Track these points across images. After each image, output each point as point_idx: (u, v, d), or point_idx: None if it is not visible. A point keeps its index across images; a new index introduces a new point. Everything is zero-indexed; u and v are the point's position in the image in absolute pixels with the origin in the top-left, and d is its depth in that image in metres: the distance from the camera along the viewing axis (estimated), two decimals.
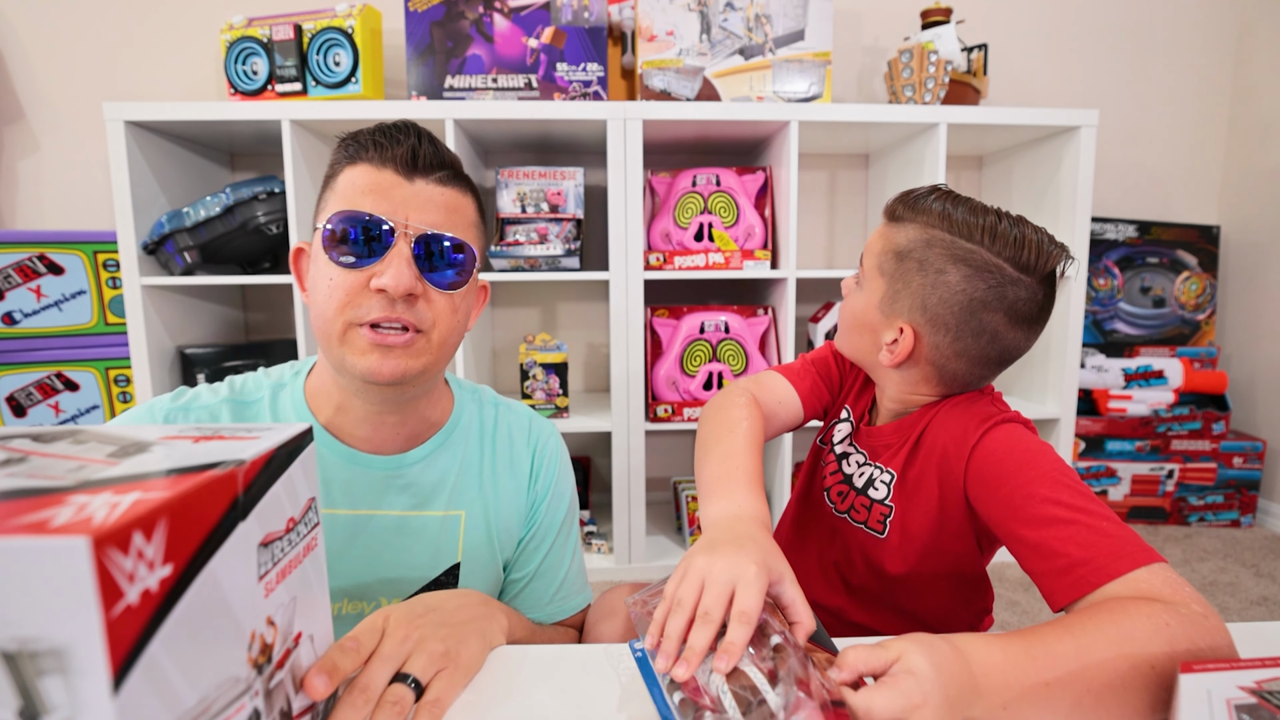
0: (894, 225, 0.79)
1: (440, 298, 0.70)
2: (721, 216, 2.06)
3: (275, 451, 0.37)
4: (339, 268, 0.66)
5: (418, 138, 0.69)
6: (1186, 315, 2.60)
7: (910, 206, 0.78)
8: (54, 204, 2.27)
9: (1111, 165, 2.56)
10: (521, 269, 2.00)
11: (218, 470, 0.31)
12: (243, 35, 1.95)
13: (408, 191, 0.68)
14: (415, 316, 0.68)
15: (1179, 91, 2.59)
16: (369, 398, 0.72)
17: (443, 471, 0.78)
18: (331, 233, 0.66)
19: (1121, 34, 2.53)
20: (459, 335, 0.74)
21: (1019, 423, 0.76)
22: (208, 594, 0.30)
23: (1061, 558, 0.62)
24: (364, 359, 0.67)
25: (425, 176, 0.69)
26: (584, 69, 2.01)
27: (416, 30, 1.98)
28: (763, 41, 2.03)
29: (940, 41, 2.07)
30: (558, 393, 2.06)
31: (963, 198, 0.76)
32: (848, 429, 0.92)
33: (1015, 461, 0.70)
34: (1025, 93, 2.51)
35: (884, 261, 0.78)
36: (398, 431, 0.76)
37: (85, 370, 2.06)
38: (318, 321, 0.69)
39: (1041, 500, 0.66)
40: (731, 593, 0.53)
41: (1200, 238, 2.59)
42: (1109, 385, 2.48)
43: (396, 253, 0.66)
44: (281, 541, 0.38)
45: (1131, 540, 0.61)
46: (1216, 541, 2.36)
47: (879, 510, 0.83)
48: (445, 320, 0.70)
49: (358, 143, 0.69)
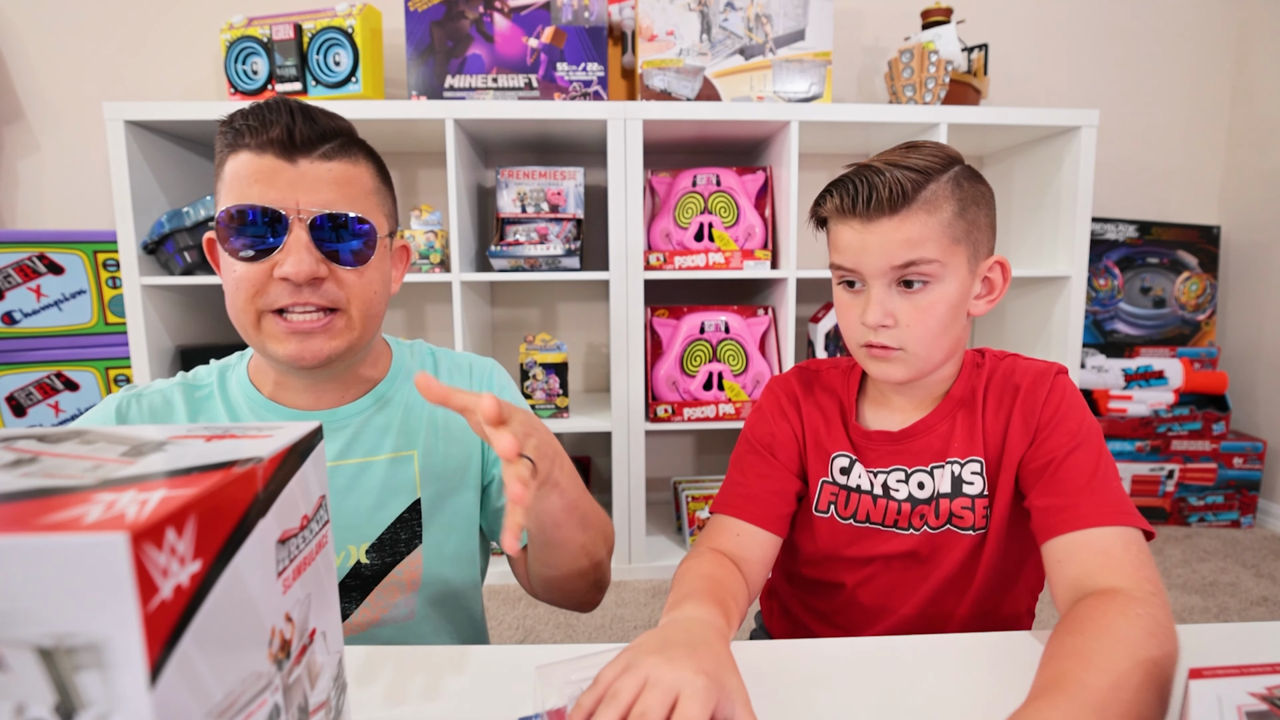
0: (915, 208, 0.71)
1: (348, 274, 0.70)
2: (721, 216, 2.06)
3: (290, 449, 0.37)
4: (240, 262, 0.67)
5: (290, 115, 0.67)
6: (1187, 315, 2.60)
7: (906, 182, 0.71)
8: (54, 204, 2.26)
9: (1112, 165, 2.56)
10: (521, 269, 2.00)
11: (239, 467, 0.31)
12: (243, 35, 1.95)
13: (293, 175, 0.67)
14: (325, 298, 0.68)
15: (1179, 91, 2.59)
16: (302, 376, 0.75)
17: (388, 418, 0.80)
18: (225, 228, 0.66)
19: (1122, 34, 2.54)
20: (380, 303, 0.75)
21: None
22: (233, 590, 0.30)
23: (1055, 499, 0.70)
24: (283, 347, 0.68)
25: (307, 155, 0.68)
26: (584, 69, 2.01)
27: (416, 30, 1.98)
28: (763, 41, 2.03)
29: (941, 41, 2.07)
30: (558, 393, 2.06)
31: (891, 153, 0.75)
32: (847, 460, 0.84)
33: (1079, 409, 0.76)
34: (1025, 93, 2.51)
35: (952, 230, 0.72)
36: (341, 395, 0.79)
37: (85, 370, 2.06)
38: (232, 312, 0.70)
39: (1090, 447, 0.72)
40: (675, 700, 0.47)
41: (1200, 238, 2.59)
42: (1109, 385, 2.48)
43: (294, 239, 0.66)
44: (297, 539, 0.38)
45: (1128, 505, 0.68)
46: (1217, 542, 2.36)
47: (981, 505, 0.78)
48: (359, 294, 0.71)
49: (234, 128, 0.68)
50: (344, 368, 0.76)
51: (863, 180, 0.72)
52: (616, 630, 1.82)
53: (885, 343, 0.74)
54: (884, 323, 0.73)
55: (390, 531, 0.79)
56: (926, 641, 0.68)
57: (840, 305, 0.79)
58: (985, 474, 0.78)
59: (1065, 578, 0.66)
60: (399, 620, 0.80)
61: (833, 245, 0.78)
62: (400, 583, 0.79)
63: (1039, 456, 0.74)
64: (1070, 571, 0.65)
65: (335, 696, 0.44)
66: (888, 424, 0.83)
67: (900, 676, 0.61)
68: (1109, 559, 0.64)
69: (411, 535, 0.80)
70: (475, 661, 0.64)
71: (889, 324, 0.73)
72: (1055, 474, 0.71)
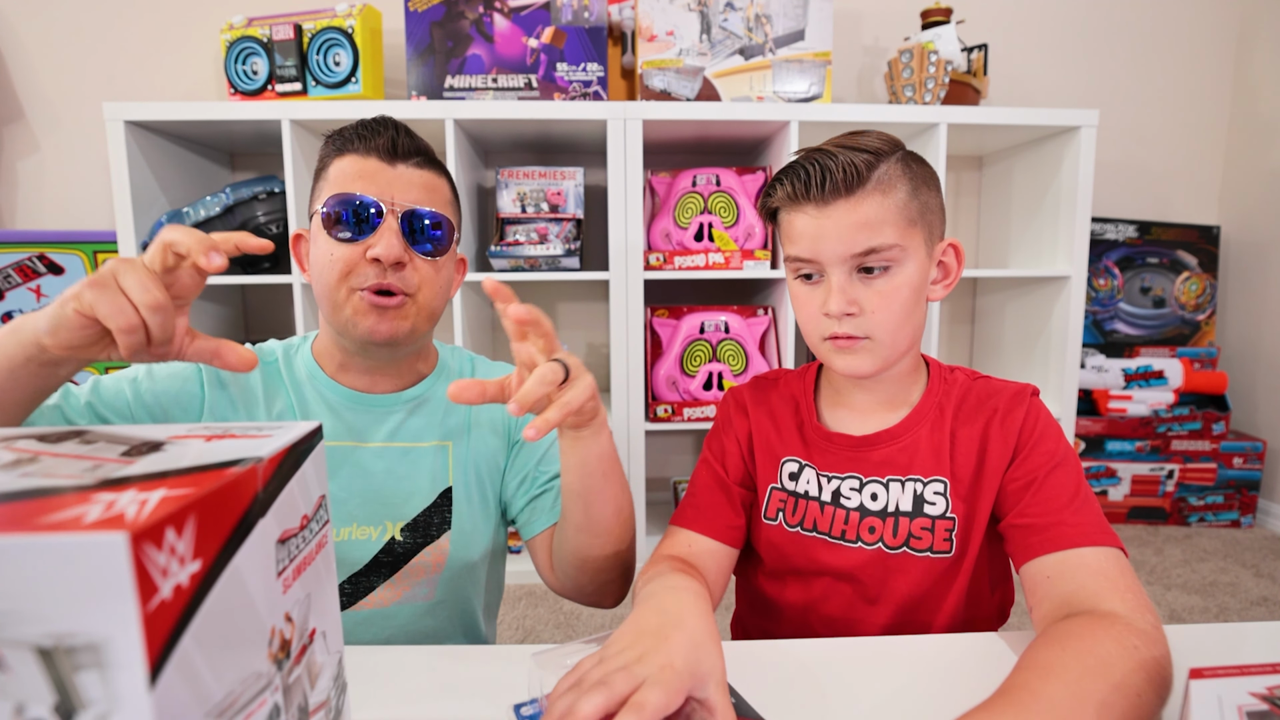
0: (870, 189, 0.70)
1: (424, 265, 0.79)
2: (721, 216, 2.06)
3: (290, 449, 0.37)
4: (338, 243, 0.76)
5: (395, 130, 0.79)
6: (1186, 315, 2.60)
7: (859, 163, 0.70)
8: (54, 204, 2.26)
9: (1112, 165, 2.56)
10: (521, 269, 2.00)
11: (239, 467, 0.31)
12: (243, 35, 1.95)
13: (391, 175, 0.78)
14: (403, 282, 0.77)
15: (1179, 91, 2.59)
16: (368, 356, 0.82)
17: (431, 410, 0.88)
18: (329, 214, 0.76)
19: (1122, 34, 2.53)
20: (443, 299, 0.84)
21: None
22: (233, 590, 0.30)
23: (1039, 518, 0.69)
24: (364, 320, 0.76)
25: (405, 162, 0.79)
26: (584, 69, 2.01)
27: (416, 30, 1.98)
28: (763, 41, 2.03)
29: (940, 41, 2.08)
30: None
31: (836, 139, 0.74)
32: (796, 465, 0.82)
33: (1056, 429, 0.76)
34: (1025, 93, 2.51)
35: (907, 211, 0.72)
36: (395, 383, 0.87)
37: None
38: (322, 291, 0.78)
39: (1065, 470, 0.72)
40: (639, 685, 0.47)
41: (1200, 238, 2.59)
42: (1109, 385, 2.48)
43: (386, 226, 0.76)
44: (297, 539, 0.38)
45: (1106, 527, 0.67)
46: (1216, 542, 2.36)
47: (942, 527, 0.75)
48: (430, 284, 0.80)
49: (343, 137, 0.80)
50: (401, 355, 0.84)
51: (814, 164, 0.70)
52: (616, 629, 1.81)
53: (850, 332, 0.72)
54: (848, 310, 0.71)
55: (424, 515, 0.85)
56: (901, 643, 0.67)
57: (798, 299, 0.77)
58: (949, 495, 0.75)
59: (1053, 594, 0.64)
60: (418, 600, 0.85)
61: (786, 237, 0.76)
62: (426, 564, 0.85)
63: (1019, 476, 0.73)
64: (1061, 589, 0.63)
65: (335, 696, 0.44)
66: (849, 426, 0.81)
67: (878, 678, 0.61)
68: (1106, 580, 0.62)
69: (442, 520, 0.86)
70: (475, 661, 0.64)
71: (853, 312, 0.71)
72: (1037, 493, 0.70)
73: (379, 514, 0.83)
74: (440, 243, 0.81)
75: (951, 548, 0.75)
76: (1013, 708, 0.49)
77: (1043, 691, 0.50)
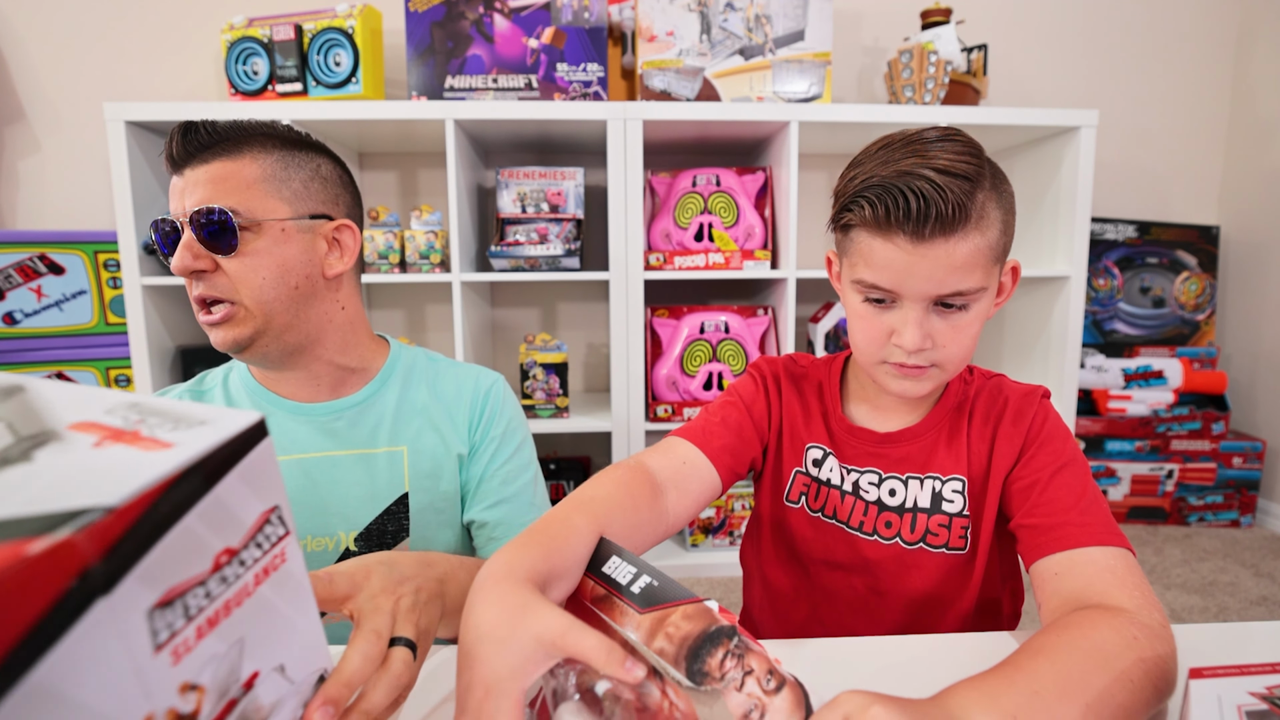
0: (970, 228, 0.64)
1: (231, 263, 0.74)
2: (721, 216, 2.06)
3: (188, 471, 0.28)
4: (169, 265, 0.75)
5: (184, 133, 0.74)
6: (1186, 315, 2.60)
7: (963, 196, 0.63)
8: (55, 204, 2.26)
9: (1111, 165, 2.55)
10: (522, 269, 2.00)
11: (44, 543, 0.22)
12: (243, 35, 1.95)
13: (180, 185, 0.74)
14: (213, 288, 0.74)
15: (1179, 92, 2.59)
16: (265, 367, 0.81)
17: (380, 413, 0.84)
18: (149, 247, 0.79)
19: (1121, 34, 2.53)
20: (282, 287, 0.76)
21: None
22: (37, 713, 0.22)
23: (1046, 518, 0.68)
24: (211, 335, 0.76)
25: (193, 166, 0.74)
26: (584, 69, 2.01)
27: (417, 30, 1.97)
28: (763, 42, 2.03)
29: (940, 42, 2.07)
30: (558, 393, 2.06)
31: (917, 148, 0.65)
32: (820, 453, 0.82)
33: (1064, 431, 0.76)
34: (1025, 93, 2.51)
35: (996, 250, 0.68)
36: (317, 383, 0.83)
37: (86, 370, 2.06)
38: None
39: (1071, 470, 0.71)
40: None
41: (1200, 238, 2.59)
42: (1108, 385, 2.48)
43: (183, 241, 0.72)
44: (203, 587, 0.29)
45: (1113, 526, 0.66)
46: (1216, 541, 2.36)
47: (959, 524, 0.76)
48: (247, 280, 0.74)
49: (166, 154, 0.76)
50: (309, 360, 0.80)
51: (914, 192, 0.62)
52: None
53: (919, 363, 0.69)
54: (923, 346, 0.68)
55: (378, 522, 0.82)
56: (910, 642, 0.67)
57: (861, 318, 0.72)
58: (967, 493, 0.76)
59: (1061, 591, 0.63)
60: None
61: (861, 257, 0.69)
62: None
63: (1025, 475, 0.72)
64: (1068, 585, 0.63)
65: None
66: (871, 421, 0.81)
67: (885, 676, 0.61)
68: (1114, 577, 0.61)
69: (399, 528, 0.83)
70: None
71: (927, 346, 0.68)
72: (1044, 493, 0.70)
73: (330, 524, 0.81)
74: (231, 235, 0.73)
75: (966, 545, 0.76)
76: (1001, 683, 0.48)
77: (1034, 670, 0.49)
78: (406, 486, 0.83)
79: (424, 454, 0.85)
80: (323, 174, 0.81)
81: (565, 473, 2.33)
